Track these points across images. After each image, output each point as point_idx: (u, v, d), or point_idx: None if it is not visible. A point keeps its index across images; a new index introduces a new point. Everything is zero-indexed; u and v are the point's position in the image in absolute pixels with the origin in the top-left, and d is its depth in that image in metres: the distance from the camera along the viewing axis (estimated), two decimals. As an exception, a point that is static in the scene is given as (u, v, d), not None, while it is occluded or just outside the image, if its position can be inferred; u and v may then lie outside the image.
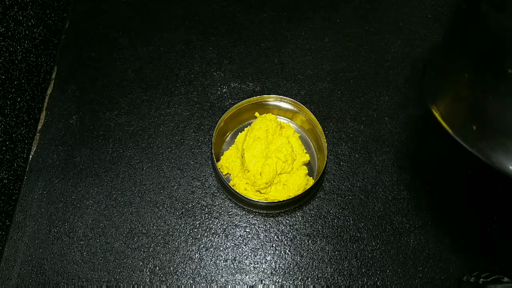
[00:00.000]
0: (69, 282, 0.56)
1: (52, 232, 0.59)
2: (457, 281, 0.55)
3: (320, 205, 0.60)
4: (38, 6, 0.67)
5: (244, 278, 0.56)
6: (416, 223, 0.59)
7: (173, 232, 0.59)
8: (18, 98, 0.62)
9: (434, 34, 0.73)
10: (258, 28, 0.74)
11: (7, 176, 0.59)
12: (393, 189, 0.61)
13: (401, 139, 0.65)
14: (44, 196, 0.61)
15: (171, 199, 0.61)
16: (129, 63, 0.71)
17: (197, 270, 0.57)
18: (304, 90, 0.69)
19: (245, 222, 0.59)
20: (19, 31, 0.62)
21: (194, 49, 0.72)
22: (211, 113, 0.67)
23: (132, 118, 0.67)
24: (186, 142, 0.65)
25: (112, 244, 0.58)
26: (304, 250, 0.58)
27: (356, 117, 0.66)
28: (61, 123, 0.66)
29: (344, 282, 0.56)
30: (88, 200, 0.61)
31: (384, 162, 0.63)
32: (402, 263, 0.57)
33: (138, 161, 0.64)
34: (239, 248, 0.58)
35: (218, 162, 0.61)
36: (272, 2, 0.77)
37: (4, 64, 0.59)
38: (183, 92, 0.69)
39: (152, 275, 0.56)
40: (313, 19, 0.75)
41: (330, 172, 0.62)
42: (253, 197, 0.57)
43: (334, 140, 0.65)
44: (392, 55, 0.71)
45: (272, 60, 0.71)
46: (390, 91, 0.68)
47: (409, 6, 0.76)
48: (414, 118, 0.66)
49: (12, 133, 0.60)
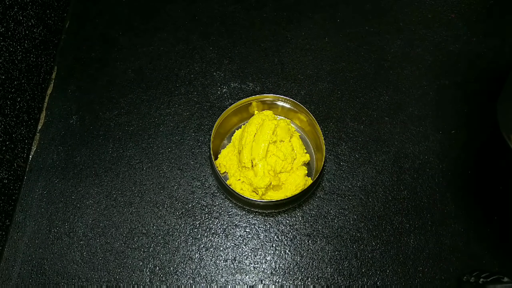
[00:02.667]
0: (69, 282, 0.56)
1: (52, 232, 0.59)
2: (457, 281, 0.55)
3: (320, 205, 0.60)
4: (38, 6, 0.67)
5: (244, 278, 0.56)
6: (416, 223, 0.59)
7: (173, 232, 0.59)
8: (18, 98, 0.62)
9: (434, 34, 0.73)
10: (258, 28, 0.74)
11: (7, 176, 0.59)
12: (393, 189, 0.61)
13: (401, 139, 0.65)
14: (44, 196, 0.61)
15: (171, 199, 0.61)
16: (129, 63, 0.71)
17: (197, 270, 0.57)
18: (304, 90, 0.69)
19: (245, 222, 0.59)
20: (19, 31, 0.62)
21: (194, 49, 0.72)
22: (211, 113, 0.67)
23: (132, 118, 0.67)
24: (186, 142, 0.65)
25: (112, 244, 0.58)
26: (304, 250, 0.58)
27: (356, 117, 0.66)
28: (61, 123, 0.66)
29: (344, 282, 0.56)
30: (88, 200, 0.61)
31: (384, 162, 0.63)
32: (402, 263, 0.57)
33: (138, 161, 0.64)
34: (239, 248, 0.58)
35: (216, 160, 0.61)
36: (272, 2, 0.77)
37: (4, 64, 0.59)
38: (183, 92, 0.69)
39: (152, 275, 0.56)
40: (313, 19, 0.75)
41: (330, 172, 0.62)
42: (250, 196, 0.57)
43: (334, 140, 0.65)
44: (392, 55, 0.71)
45: (272, 60, 0.71)
46: (390, 91, 0.68)
47: (409, 6, 0.76)
48: (414, 118, 0.66)
49: (12, 133, 0.60)
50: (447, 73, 0.70)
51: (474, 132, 0.65)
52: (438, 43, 0.72)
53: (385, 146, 0.64)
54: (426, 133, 0.65)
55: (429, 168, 0.62)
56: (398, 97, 0.68)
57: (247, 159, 0.57)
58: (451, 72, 0.70)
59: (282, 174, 0.58)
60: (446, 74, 0.70)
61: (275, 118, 0.61)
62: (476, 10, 0.76)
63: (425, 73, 0.70)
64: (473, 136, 0.65)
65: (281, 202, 0.56)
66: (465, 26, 0.74)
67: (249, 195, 0.57)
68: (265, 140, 0.57)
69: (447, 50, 0.72)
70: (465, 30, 0.74)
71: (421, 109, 0.67)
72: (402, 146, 0.64)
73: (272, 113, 0.62)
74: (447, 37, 0.73)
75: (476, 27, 0.74)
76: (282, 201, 0.56)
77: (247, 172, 0.57)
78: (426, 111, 0.67)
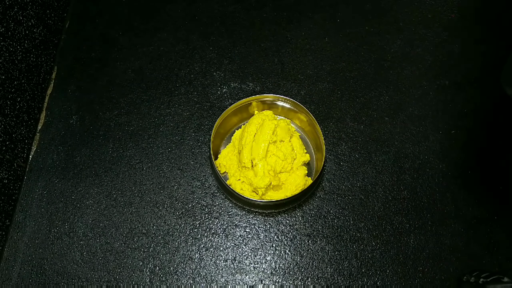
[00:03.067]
0: (69, 282, 0.56)
1: (52, 232, 0.59)
2: (457, 281, 0.55)
3: (320, 205, 0.60)
4: (38, 6, 0.67)
5: (244, 278, 0.56)
6: (416, 223, 0.59)
7: (173, 232, 0.59)
8: (18, 98, 0.62)
9: (434, 34, 0.73)
10: (258, 28, 0.74)
11: (7, 176, 0.59)
12: (393, 189, 0.61)
13: (401, 139, 0.65)
14: (44, 196, 0.61)
15: (171, 199, 0.61)
16: (129, 63, 0.71)
17: (197, 270, 0.57)
18: (304, 90, 0.69)
19: (245, 222, 0.59)
20: (19, 31, 0.62)
21: (194, 49, 0.72)
22: (211, 113, 0.67)
23: (132, 118, 0.67)
24: (186, 142, 0.65)
25: (112, 244, 0.58)
26: (304, 250, 0.58)
27: (356, 117, 0.66)
28: (61, 123, 0.66)
29: (344, 282, 0.56)
30: (88, 200, 0.61)
31: (384, 162, 0.63)
32: (402, 263, 0.57)
33: (138, 161, 0.64)
34: (239, 248, 0.58)
35: (216, 160, 0.61)
36: (272, 2, 0.77)
37: (4, 64, 0.59)
38: (183, 92, 0.69)
39: (152, 275, 0.56)
40: (313, 19, 0.75)
41: (330, 172, 0.62)
42: (250, 196, 0.57)
43: (334, 140, 0.65)
44: (392, 55, 0.71)
45: (272, 60, 0.71)
46: (390, 91, 0.68)
47: (409, 6, 0.76)
48: (414, 118, 0.66)
49: (12, 133, 0.60)
50: (447, 73, 0.70)
51: (474, 132, 0.65)
52: (438, 43, 0.72)
53: (385, 146, 0.64)
54: (426, 133, 0.65)
55: (429, 168, 0.62)
56: (398, 97, 0.68)
57: (247, 159, 0.57)
58: (451, 72, 0.70)
59: (282, 174, 0.58)
60: (446, 74, 0.70)
61: (275, 118, 0.61)
62: (476, 10, 0.76)
63: (425, 73, 0.70)
64: (473, 136, 0.65)
65: (281, 202, 0.56)
66: (465, 26, 0.74)
67: (249, 195, 0.57)
68: (265, 140, 0.57)
69: (447, 50, 0.72)
70: (465, 30, 0.74)
71: (421, 109, 0.67)
72: (402, 146, 0.64)
73: (272, 113, 0.62)
74: (447, 37, 0.73)
75: (476, 27, 0.74)
76: (282, 201, 0.56)
77: (247, 172, 0.57)
78: (426, 111, 0.67)
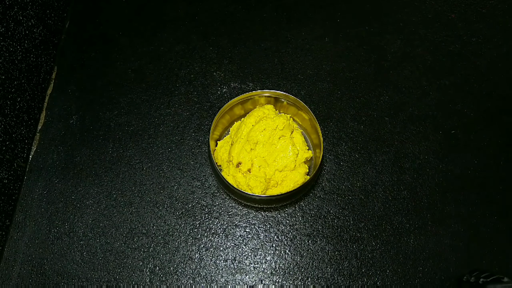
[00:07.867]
0: (69, 282, 0.56)
1: (52, 232, 0.59)
2: (457, 281, 0.55)
3: (320, 205, 0.60)
4: (38, 6, 0.67)
5: (244, 278, 0.56)
6: (416, 223, 0.59)
7: (173, 232, 0.59)
8: (18, 98, 0.62)
9: (434, 34, 0.73)
10: (258, 28, 0.74)
11: (7, 176, 0.59)
12: (393, 189, 0.61)
13: (401, 139, 0.65)
14: (44, 196, 0.61)
15: (171, 199, 0.61)
16: (129, 63, 0.71)
17: (197, 270, 0.57)
18: (304, 90, 0.69)
19: (245, 222, 0.59)
20: (19, 31, 0.62)
21: (194, 49, 0.72)
22: (211, 113, 0.67)
23: (132, 118, 0.67)
24: (186, 142, 0.65)
25: (112, 244, 0.58)
26: (304, 250, 0.58)
27: (356, 117, 0.66)
28: (61, 123, 0.66)
29: (344, 282, 0.56)
30: (88, 200, 0.61)
31: (384, 162, 0.63)
32: (402, 263, 0.57)
33: (138, 161, 0.64)
34: (239, 248, 0.58)
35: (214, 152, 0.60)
36: (272, 2, 0.77)
37: (4, 64, 0.59)
38: (183, 92, 0.69)
39: (152, 275, 0.56)
40: (313, 19, 0.75)
41: (330, 172, 0.62)
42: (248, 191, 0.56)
43: (334, 140, 0.65)
44: (392, 55, 0.71)
45: (272, 60, 0.71)
46: (390, 91, 0.68)
47: (409, 6, 0.76)
48: (414, 118, 0.66)
49: (12, 133, 0.60)
50: (447, 73, 0.70)
51: (474, 132, 0.65)
52: (438, 43, 0.72)
53: (385, 146, 0.64)
54: (426, 133, 0.65)
55: (429, 168, 0.62)
56: (398, 97, 0.68)
57: (235, 160, 0.57)
58: (451, 72, 0.70)
59: (282, 172, 0.58)
60: (446, 74, 0.70)
61: (276, 113, 0.61)
62: (476, 10, 0.76)
63: (425, 73, 0.70)
64: (473, 136, 0.65)
65: (282, 197, 0.56)
66: (465, 26, 0.74)
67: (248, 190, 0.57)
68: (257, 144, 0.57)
69: (447, 50, 0.72)
70: (465, 30, 0.74)
71: (421, 109, 0.67)
72: (402, 146, 0.64)
73: (273, 107, 0.62)
74: (447, 37, 0.73)
75: (476, 27, 0.74)
76: (282, 196, 0.55)
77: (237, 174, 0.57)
78: (426, 111, 0.67)
